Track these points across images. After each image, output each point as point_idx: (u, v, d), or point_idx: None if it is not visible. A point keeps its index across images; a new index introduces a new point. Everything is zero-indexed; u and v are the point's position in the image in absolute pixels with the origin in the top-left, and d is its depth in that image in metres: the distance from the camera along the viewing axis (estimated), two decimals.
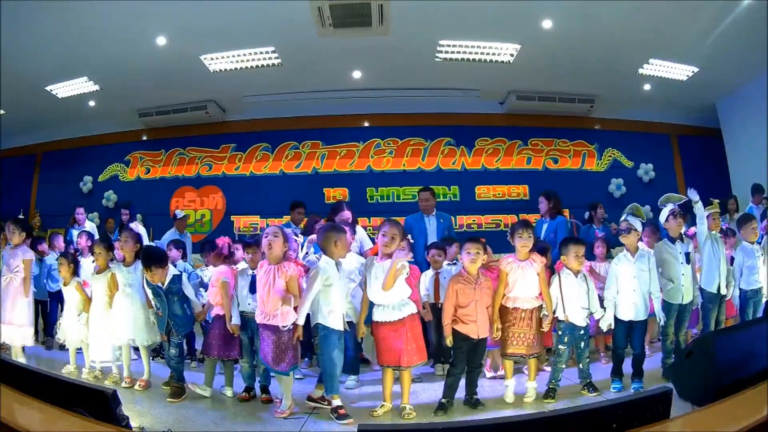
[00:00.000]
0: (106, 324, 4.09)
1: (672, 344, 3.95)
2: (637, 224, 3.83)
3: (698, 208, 4.13)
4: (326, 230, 3.54)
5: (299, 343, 3.53)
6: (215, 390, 3.84)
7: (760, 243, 4.36)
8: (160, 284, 3.79)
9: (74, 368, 4.30)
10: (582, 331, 3.72)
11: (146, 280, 3.87)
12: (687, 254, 3.96)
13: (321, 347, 3.43)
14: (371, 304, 3.47)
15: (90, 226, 6.36)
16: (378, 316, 3.44)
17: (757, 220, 4.58)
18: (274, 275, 3.37)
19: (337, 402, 3.35)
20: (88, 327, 4.19)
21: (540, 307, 3.66)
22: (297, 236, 4.06)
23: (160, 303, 3.84)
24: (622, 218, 3.91)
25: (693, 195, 4.13)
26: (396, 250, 3.40)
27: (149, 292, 3.91)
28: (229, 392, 3.80)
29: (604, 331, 3.88)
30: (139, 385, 3.95)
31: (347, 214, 4.68)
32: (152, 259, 3.77)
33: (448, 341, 3.51)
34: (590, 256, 4.63)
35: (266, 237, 3.45)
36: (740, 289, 4.28)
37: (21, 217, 4.64)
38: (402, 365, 3.38)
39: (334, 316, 3.37)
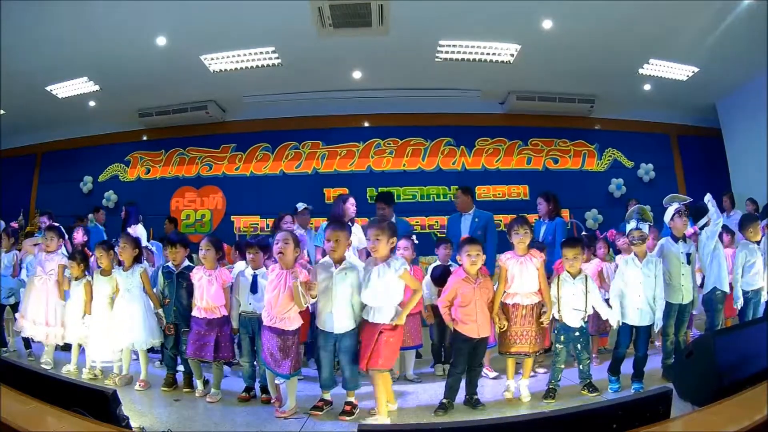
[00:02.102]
0: (107, 325, 4.11)
1: (672, 344, 3.94)
2: (647, 229, 3.78)
3: (713, 212, 4.12)
4: (326, 228, 3.55)
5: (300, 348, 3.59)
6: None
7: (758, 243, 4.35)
8: (174, 266, 4.03)
9: (74, 368, 4.31)
10: (577, 332, 3.72)
11: (161, 271, 4.11)
12: (688, 254, 3.96)
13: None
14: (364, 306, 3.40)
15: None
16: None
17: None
18: (285, 280, 3.36)
19: (326, 396, 3.48)
20: (89, 327, 4.20)
21: (540, 304, 3.65)
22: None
23: (169, 288, 4.00)
24: (632, 226, 3.77)
25: (708, 198, 4.15)
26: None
27: (161, 278, 4.08)
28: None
29: (614, 328, 3.86)
30: (139, 385, 3.96)
31: (351, 201, 4.77)
32: (180, 237, 4.25)
33: (450, 326, 3.53)
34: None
35: (277, 243, 3.43)
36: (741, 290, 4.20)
37: (56, 224, 4.84)
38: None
39: (321, 316, 3.43)
